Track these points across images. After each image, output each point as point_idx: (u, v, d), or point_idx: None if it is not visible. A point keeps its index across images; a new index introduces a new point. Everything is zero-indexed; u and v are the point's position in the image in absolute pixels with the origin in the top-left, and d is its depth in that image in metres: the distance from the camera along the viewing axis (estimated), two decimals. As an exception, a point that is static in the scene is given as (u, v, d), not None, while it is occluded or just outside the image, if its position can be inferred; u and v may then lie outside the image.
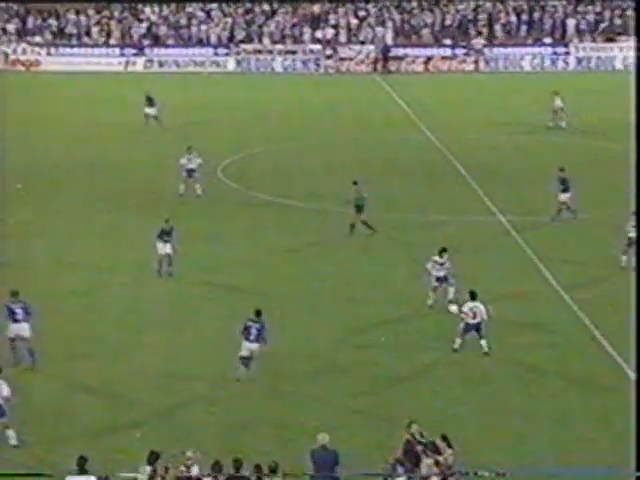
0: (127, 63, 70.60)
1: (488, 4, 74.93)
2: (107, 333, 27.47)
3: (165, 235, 31.12)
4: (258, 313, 24.57)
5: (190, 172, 39.76)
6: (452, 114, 55.97)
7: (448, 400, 23.63)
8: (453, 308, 27.85)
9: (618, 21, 73.47)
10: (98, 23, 73.40)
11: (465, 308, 25.66)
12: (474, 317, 25.46)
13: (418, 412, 21.09)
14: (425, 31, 73.33)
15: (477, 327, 25.54)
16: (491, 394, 24.03)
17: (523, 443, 21.74)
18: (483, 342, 25.53)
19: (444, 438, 19.45)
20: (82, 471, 18.32)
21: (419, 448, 19.22)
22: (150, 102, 51.23)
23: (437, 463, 19.20)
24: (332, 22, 73.61)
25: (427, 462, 19.24)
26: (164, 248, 31.09)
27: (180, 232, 32.90)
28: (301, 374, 25.05)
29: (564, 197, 36.26)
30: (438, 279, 28.62)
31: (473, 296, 25.71)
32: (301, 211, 38.13)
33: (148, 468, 18.57)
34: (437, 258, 28.72)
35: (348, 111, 57.09)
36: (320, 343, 26.79)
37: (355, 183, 35.54)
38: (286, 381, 24.70)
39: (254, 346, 24.36)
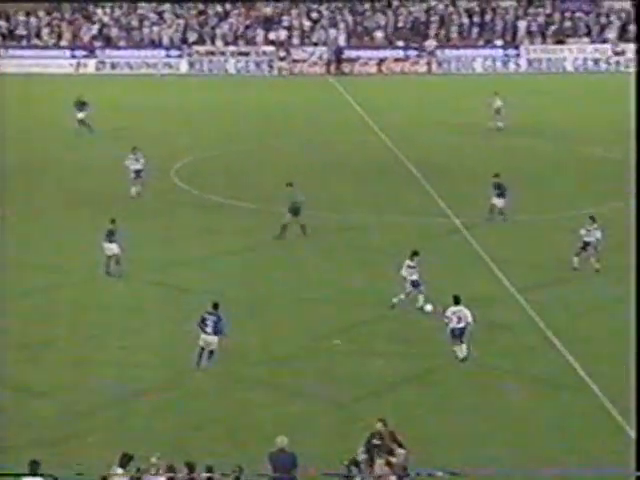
0: (78, 65, 70.08)
1: (440, 6, 75.30)
2: (58, 335, 27.21)
3: (112, 235, 31.18)
4: (215, 306, 25.01)
5: (138, 172, 39.85)
6: (405, 115, 56.18)
7: (403, 401, 23.66)
8: (428, 308, 27.95)
9: (568, 23, 74.13)
10: (49, 25, 72.82)
11: (448, 312, 25.38)
12: (459, 321, 25.23)
13: (373, 413, 21.09)
14: (378, 33, 73.54)
15: (462, 331, 25.28)
16: (446, 394, 24.10)
17: (478, 442, 21.82)
18: (462, 347, 25.23)
19: (395, 438, 19.47)
20: (34, 475, 18.10)
21: (374, 445, 19.32)
22: (81, 106, 50.59)
23: (389, 464, 19.23)
24: (285, 24, 73.60)
25: (379, 462, 19.30)
26: (111, 248, 31.14)
27: (133, 233, 32.77)
28: (256, 376, 24.97)
29: (499, 202, 36.34)
30: (413, 283, 28.52)
31: (457, 300, 25.46)
32: (255, 213, 38.05)
33: (120, 470, 18.36)
34: (409, 262, 28.67)
35: (301, 113, 57.09)
36: (275, 345, 26.73)
37: (290, 185, 35.40)
38: (240, 383, 24.63)
39: (210, 338, 24.71)
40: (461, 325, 25.19)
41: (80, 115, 50.48)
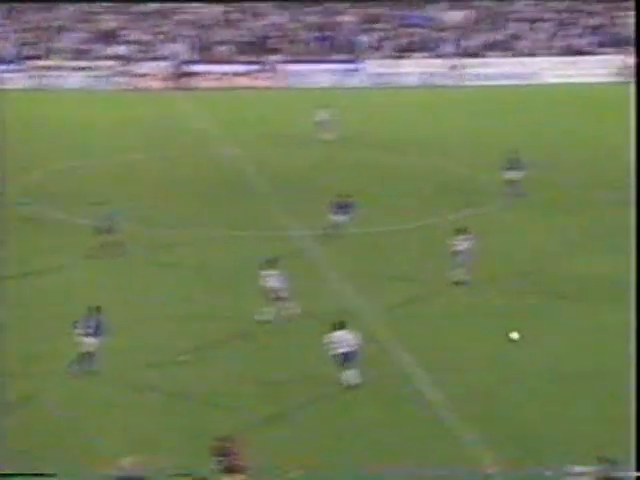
0: None
1: (283, 20, 75.95)
2: None
3: None
4: (98, 308, 25.74)
5: None
6: (249, 130, 56.39)
7: (252, 416, 23.72)
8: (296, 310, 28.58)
9: (407, 38, 75.73)
10: None
11: (334, 338, 25.11)
12: (344, 346, 24.96)
13: (224, 430, 21.14)
14: (221, 47, 73.65)
15: (350, 356, 24.98)
16: (293, 407, 24.27)
17: (322, 451, 22.07)
18: (353, 372, 25.05)
19: (239, 457, 19.46)
20: None
21: (218, 461, 19.41)
22: None
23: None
24: (126, 38, 72.97)
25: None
26: None
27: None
28: (102, 396, 24.67)
29: (340, 219, 36.65)
30: (273, 293, 28.61)
31: (342, 325, 25.26)
32: (96, 230, 37.48)
33: None
34: (264, 272, 28.80)
35: (144, 128, 56.65)
36: (119, 363, 26.40)
37: (101, 204, 35.41)
38: (86, 403, 24.30)
39: (92, 340, 25.39)
40: (347, 350, 24.99)
41: None
